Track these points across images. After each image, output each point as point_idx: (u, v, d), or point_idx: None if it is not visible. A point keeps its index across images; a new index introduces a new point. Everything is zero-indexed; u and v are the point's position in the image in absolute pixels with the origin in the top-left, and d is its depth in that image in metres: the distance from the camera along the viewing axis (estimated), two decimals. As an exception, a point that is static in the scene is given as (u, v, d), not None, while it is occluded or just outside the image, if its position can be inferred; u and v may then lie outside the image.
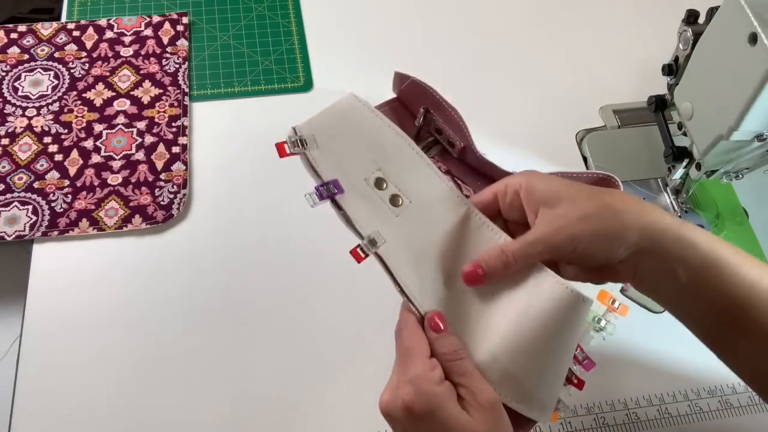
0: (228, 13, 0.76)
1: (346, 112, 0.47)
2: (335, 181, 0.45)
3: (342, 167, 0.46)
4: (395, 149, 0.47)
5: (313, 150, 0.45)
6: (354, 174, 0.46)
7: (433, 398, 0.38)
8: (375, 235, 0.43)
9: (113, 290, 0.58)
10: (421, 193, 0.46)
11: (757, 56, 0.46)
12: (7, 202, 0.61)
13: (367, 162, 0.46)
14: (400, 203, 0.46)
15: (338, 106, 0.48)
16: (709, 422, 0.55)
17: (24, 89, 0.68)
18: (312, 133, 0.46)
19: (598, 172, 0.56)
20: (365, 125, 0.47)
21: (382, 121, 0.47)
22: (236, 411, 0.53)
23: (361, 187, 0.46)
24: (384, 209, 0.45)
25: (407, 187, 0.46)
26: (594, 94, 0.73)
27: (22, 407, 0.52)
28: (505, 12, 0.80)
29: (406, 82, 0.62)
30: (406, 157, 0.47)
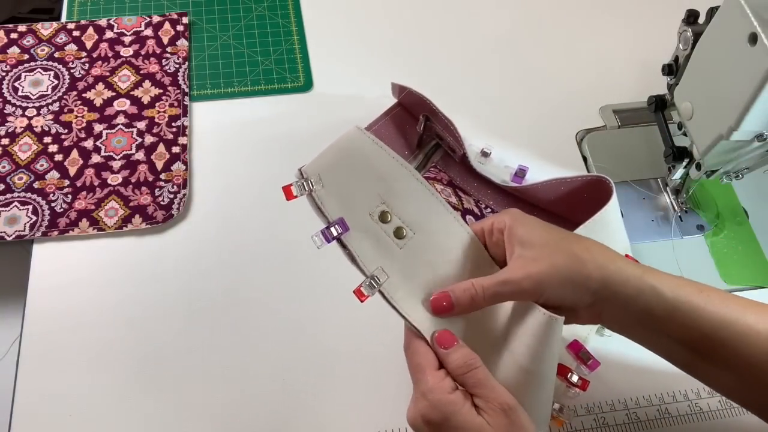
0: (228, 13, 0.76)
1: (351, 146, 0.48)
2: (340, 221, 0.46)
3: (347, 204, 0.47)
4: (399, 181, 0.48)
5: (319, 190, 0.47)
6: (359, 209, 0.47)
7: (445, 406, 0.40)
8: (377, 273, 0.45)
9: (113, 290, 0.58)
10: (425, 223, 0.47)
11: (757, 56, 0.46)
12: (7, 202, 0.61)
13: (371, 196, 0.47)
14: (404, 235, 0.47)
15: (343, 141, 0.48)
16: (709, 422, 0.55)
17: (24, 89, 0.68)
18: (318, 172, 0.47)
19: (591, 174, 0.56)
20: (369, 158, 0.48)
21: (386, 153, 0.48)
22: (236, 411, 0.53)
23: (365, 222, 0.47)
24: (388, 242, 0.46)
25: (411, 219, 0.47)
26: (594, 94, 0.73)
27: (22, 407, 0.52)
28: (505, 12, 0.80)
29: (404, 92, 0.63)
30: (410, 188, 0.48)
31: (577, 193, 0.59)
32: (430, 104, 0.60)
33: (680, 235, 0.64)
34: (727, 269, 0.62)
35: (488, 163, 0.65)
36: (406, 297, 0.45)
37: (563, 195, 0.60)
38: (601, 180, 0.55)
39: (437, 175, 0.63)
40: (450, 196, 0.59)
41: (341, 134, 0.48)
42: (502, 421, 0.40)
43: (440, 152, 0.65)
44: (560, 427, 0.52)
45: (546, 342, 0.42)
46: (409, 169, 0.48)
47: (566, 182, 0.58)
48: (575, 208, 0.59)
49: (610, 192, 0.54)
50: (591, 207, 0.54)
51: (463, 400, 0.40)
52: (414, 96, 0.61)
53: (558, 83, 0.74)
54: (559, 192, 0.59)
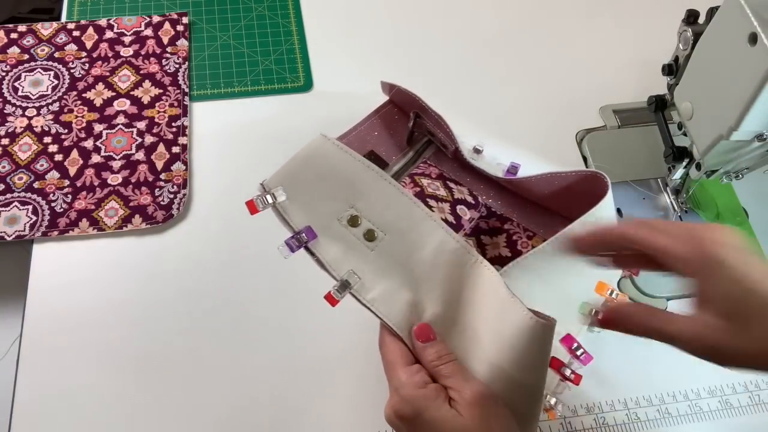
0: (228, 13, 0.76)
1: (315, 153, 0.49)
2: (307, 229, 0.47)
3: (314, 212, 0.48)
4: (367, 184, 0.48)
5: (282, 201, 0.47)
6: (326, 216, 0.48)
7: (417, 401, 0.39)
8: (348, 276, 0.46)
9: (113, 290, 0.58)
10: (396, 223, 0.47)
11: (757, 56, 0.46)
12: (7, 202, 0.61)
13: (339, 201, 0.48)
14: (376, 237, 0.47)
15: (306, 150, 0.49)
16: (709, 422, 0.55)
17: (24, 89, 0.68)
18: (280, 184, 0.48)
19: (586, 170, 0.56)
20: (335, 164, 0.48)
21: (351, 157, 0.48)
22: (236, 410, 0.53)
23: (334, 228, 0.48)
24: (359, 246, 0.47)
25: (382, 221, 0.47)
26: (594, 94, 0.73)
27: (22, 407, 0.52)
28: (505, 12, 0.80)
29: (393, 90, 0.63)
30: (379, 190, 0.48)
31: (572, 188, 0.59)
32: (419, 101, 0.60)
33: (680, 235, 0.64)
34: (727, 269, 0.62)
35: (480, 160, 0.64)
36: (380, 297, 0.45)
37: (558, 190, 0.59)
38: (596, 176, 0.55)
39: (425, 170, 0.62)
40: (438, 189, 0.59)
41: (306, 144, 0.49)
42: (476, 412, 0.39)
43: (432, 148, 0.65)
44: (553, 420, 0.52)
45: (533, 349, 0.42)
46: (376, 171, 0.48)
47: (561, 176, 0.58)
48: (569, 203, 0.58)
49: (606, 187, 0.54)
50: (585, 202, 0.53)
51: (436, 394, 0.40)
52: (403, 94, 0.61)
53: (558, 83, 0.74)
54: (554, 186, 0.59)
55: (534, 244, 0.59)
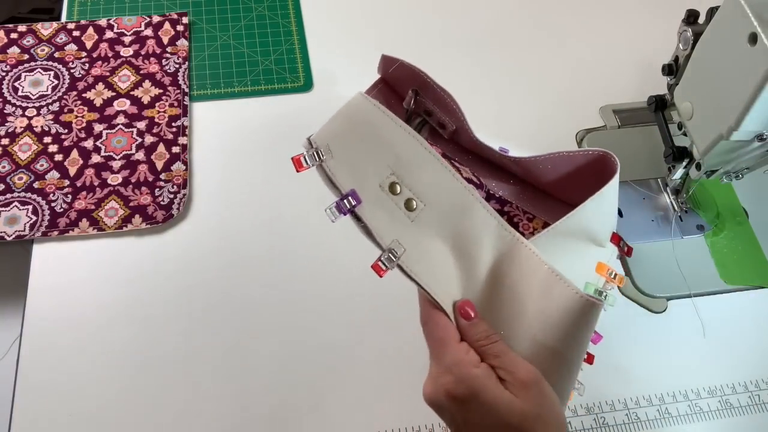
0: (228, 13, 0.76)
1: (357, 114, 0.46)
2: (352, 192, 0.44)
3: (357, 174, 0.45)
4: (407, 150, 0.46)
5: (329, 161, 0.45)
6: (369, 181, 0.45)
7: (473, 381, 0.37)
8: (394, 245, 0.43)
9: (113, 290, 0.58)
10: (434, 194, 0.45)
11: (757, 56, 0.46)
12: (7, 202, 0.61)
13: (381, 166, 0.45)
14: (415, 207, 0.45)
15: (349, 109, 0.46)
16: (709, 422, 0.55)
17: (24, 89, 0.68)
18: (326, 142, 0.45)
19: (595, 149, 0.54)
20: (376, 126, 0.46)
21: (392, 121, 0.46)
22: (236, 410, 0.53)
23: (376, 193, 0.45)
24: (400, 215, 0.44)
25: (420, 190, 0.45)
26: (594, 94, 0.73)
27: (22, 407, 0.52)
28: (505, 12, 0.80)
29: (395, 65, 0.59)
30: (418, 158, 0.46)
31: (578, 173, 0.56)
32: (424, 76, 0.57)
33: (680, 235, 0.64)
34: (727, 269, 0.62)
35: None
36: (424, 270, 0.43)
37: (563, 173, 0.57)
38: (604, 157, 0.52)
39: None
40: None
41: (346, 102, 0.46)
42: (530, 394, 0.38)
43: (426, 129, 0.63)
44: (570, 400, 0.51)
45: (581, 326, 0.41)
46: (417, 138, 0.45)
47: (567, 157, 0.55)
48: (573, 189, 0.56)
49: (615, 168, 0.51)
50: (590, 188, 0.51)
51: (490, 374, 0.38)
52: (403, 71, 0.58)
53: (558, 83, 0.74)
54: (558, 169, 0.57)
55: (535, 227, 0.58)
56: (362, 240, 0.45)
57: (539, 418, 0.37)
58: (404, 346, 0.56)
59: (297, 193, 0.64)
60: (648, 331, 0.59)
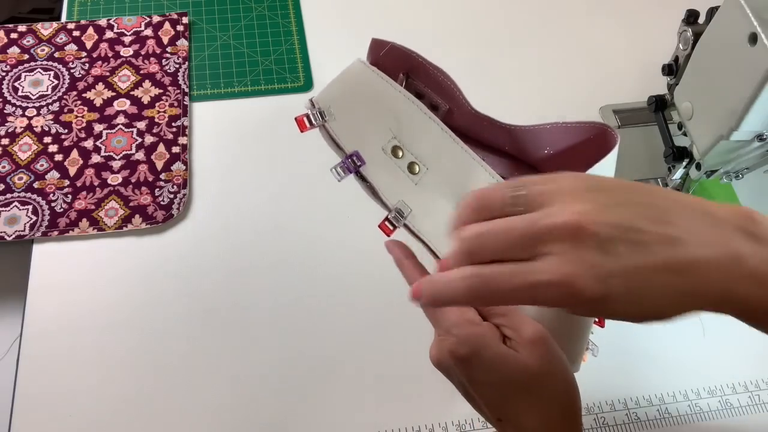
0: (228, 13, 0.76)
1: (358, 79, 0.46)
2: (356, 153, 0.44)
3: (360, 137, 0.45)
4: (407, 115, 0.46)
5: (332, 122, 0.45)
6: (372, 144, 0.45)
7: (474, 339, 0.37)
8: (400, 206, 0.43)
9: (113, 290, 0.58)
10: (437, 158, 0.45)
11: (757, 56, 0.46)
12: (7, 202, 0.61)
13: (382, 130, 0.46)
14: (417, 171, 0.45)
15: (349, 74, 0.47)
16: (709, 422, 0.55)
17: (24, 89, 0.68)
18: (329, 104, 0.45)
19: (594, 121, 0.53)
20: (377, 91, 0.46)
21: (392, 87, 0.46)
22: (236, 410, 0.53)
23: (379, 157, 0.45)
24: (404, 178, 0.45)
25: (422, 153, 0.45)
26: (594, 94, 0.73)
27: (22, 407, 0.52)
28: (505, 13, 0.79)
29: (385, 48, 0.58)
30: (419, 123, 0.46)
31: (576, 149, 0.55)
32: (416, 57, 0.56)
33: (680, 235, 0.64)
34: (727, 269, 0.62)
35: None
36: (431, 230, 0.43)
37: (560, 149, 0.56)
38: (604, 131, 0.51)
39: None
40: None
41: (346, 67, 0.46)
42: (536, 351, 0.37)
43: None
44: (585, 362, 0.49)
45: None
46: (417, 103, 0.46)
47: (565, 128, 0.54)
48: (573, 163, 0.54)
49: (614, 143, 0.50)
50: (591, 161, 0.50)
51: (493, 331, 0.37)
52: (395, 53, 0.57)
53: (558, 83, 0.74)
54: (556, 144, 0.56)
55: None
56: (363, 238, 0.45)
57: (547, 375, 0.37)
58: (405, 346, 0.56)
59: (297, 193, 0.64)
60: (648, 331, 0.59)
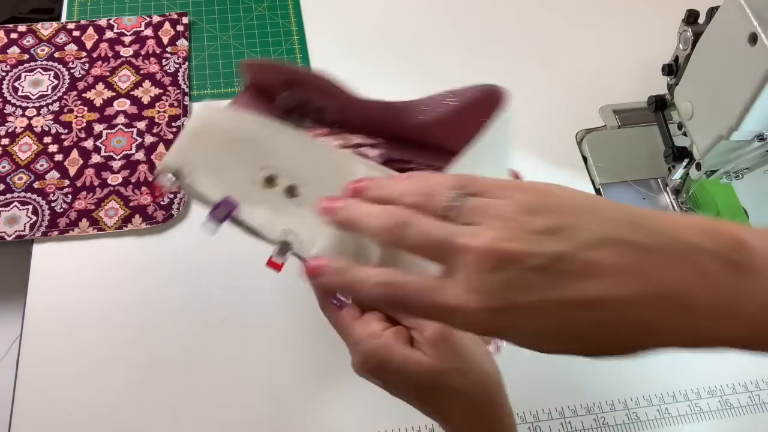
0: (228, 13, 0.76)
1: (206, 123, 0.46)
2: (224, 200, 0.44)
3: (226, 181, 0.44)
4: (272, 139, 0.45)
5: (188, 177, 0.44)
6: (240, 183, 0.45)
7: (377, 353, 0.38)
8: (283, 236, 0.43)
9: (113, 290, 0.58)
10: (313, 172, 0.45)
11: (757, 56, 0.46)
12: (7, 202, 0.61)
13: (248, 165, 0.45)
14: (298, 192, 0.44)
15: (195, 121, 0.46)
16: (709, 422, 0.55)
17: (24, 89, 0.68)
18: (181, 161, 0.44)
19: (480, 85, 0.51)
20: (230, 128, 0.45)
21: (247, 117, 0.45)
22: (236, 411, 0.53)
23: (253, 193, 0.45)
24: (284, 204, 0.44)
25: (299, 174, 0.45)
26: (594, 94, 0.73)
27: (22, 407, 0.52)
28: (504, 12, 0.80)
29: (256, 69, 0.57)
30: (286, 143, 0.45)
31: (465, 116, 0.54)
32: (292, 69, 0.55)
33: (680, 235, 0.64)
34: (727, 269, 0.62)
35: None
36: (324, 251, 0.42)
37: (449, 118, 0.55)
38: (492, 90, 0.50)
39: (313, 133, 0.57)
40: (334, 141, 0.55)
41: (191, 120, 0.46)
42: (439, 350, 0.38)
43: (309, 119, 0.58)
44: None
45: None
46: (277, 125, 0.45)
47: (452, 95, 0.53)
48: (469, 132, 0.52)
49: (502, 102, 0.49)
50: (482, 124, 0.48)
51: (395, 339, 0.38)
52: (270, 68, 0.56)
53: (558, 83, 0.74)
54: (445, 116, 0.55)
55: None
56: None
57: (451, 372, 0.38)
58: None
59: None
60: (648, 331, 0.59)
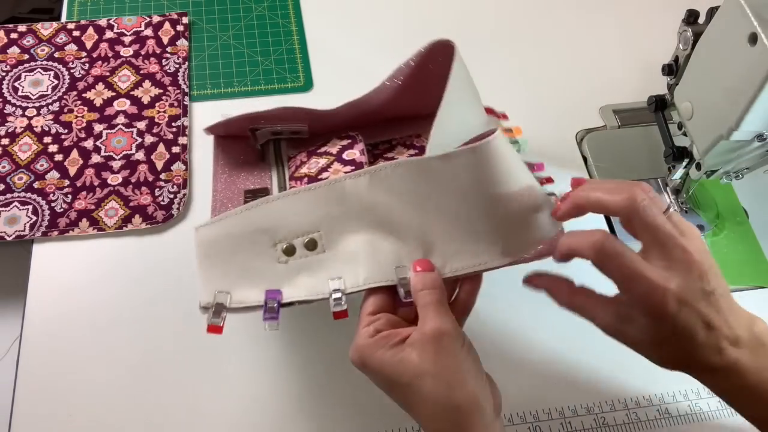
0: (228, 13, 0.76)
1: (207, 245, 0.48)
2: (267, 295, 0.46)
3: (257, 279, 0.47)
4: (265, 217, 0.48)
5: (228, 302, 0.46)
6: (268, 270, 0.47)
7: (361, 350, 0.43)
8: (335, 285, 0.46)
9: (113, 290, 0.58)
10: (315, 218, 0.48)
11: (757, 56, 0.46)
12: (7, 202, 0.61)
13: (263, 251, 0.47)
14: (317, 243, 0.47)
15: (199, 250, 0.48)
16: (709, 422, 0.55)
17: (24, 89, 0.68)
18: (213, 293, 0.47)
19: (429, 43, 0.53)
20: (228, 233, 0.48)
21: (233, 217, 0.48)
22: (237, 411, 0.53)
23: (282, 270, 0.47)
24: (312, 260, 0.47)
25: (307, 228, 0.48)
26: (594, 94, 0.73)
27: (22, 407, 0.52)
28: (505, 12, 0.80)
29: (221, 128, 0.59)
30: (277, 211, 0.48)
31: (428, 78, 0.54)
32: (251, 115, 0.56)
33: (680, 235, 0.64)
34: (727, 269, 0.62)
35: None
36: (368, 273, 0.46)
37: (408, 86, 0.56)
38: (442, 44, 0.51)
39: (296, 162, 0.59)
40: (318, 161, 0.56)
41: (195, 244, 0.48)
42: (426, 349, 0.41)
43: (284, 143, 0.61)
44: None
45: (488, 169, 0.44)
46: (260, 202, 0.48)
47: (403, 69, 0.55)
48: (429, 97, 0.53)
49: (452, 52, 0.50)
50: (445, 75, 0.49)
51: (383, 342, 0.42)
52: (234, 122, 0.57)
53: (558, 83, 0.74)
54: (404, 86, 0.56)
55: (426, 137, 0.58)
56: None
57: (431, 376, 0.40)
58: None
59: (297, 193, 0.64)
60: (648, 331, 0.59)
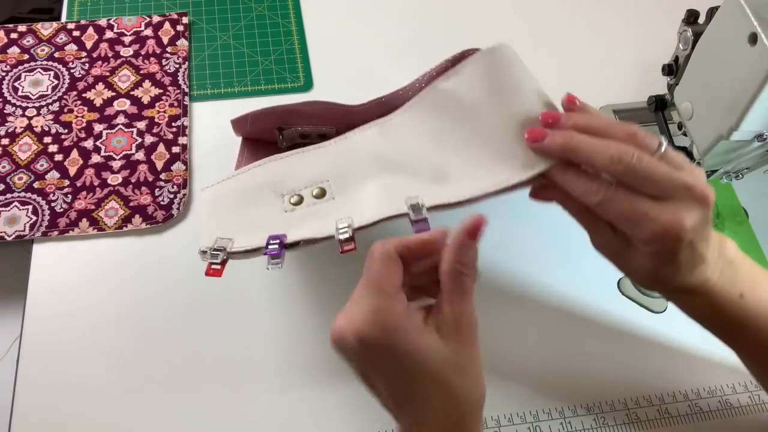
0: (228, 13, 0.76)
1: (214, 201, 0.49)
2: (269, 238, 0.45)
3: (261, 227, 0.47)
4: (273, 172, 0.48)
5: (229, 246, 0.46)
6: (274, 219, 0.47)
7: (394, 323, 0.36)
8: (340, 222, 0.44)
9: (113, 290, 0.58)
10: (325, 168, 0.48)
11: (757, 56, 0.46)
12: (7, 202, 0.61)
13: (271, 202, 0.48)
14: (325, 191, 0.47)
15: (205, 206, 0.49)
16: (709, 422, 0.55)
17: (24, 89, 0.68)
18: (214, 237, 0.47)
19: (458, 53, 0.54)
20: (235, 189, 0.49)
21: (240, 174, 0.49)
22: (237, 411, 0.53)
23: (291, 217, 0.47)
24: (323, 207, 0.47)
25: (315, 179, 0.48)
26: (594, 94, 0.73)
27: (22, 407, 0.52)
28: (504, 13, 0.80)
29: (249, 122, 0.58)
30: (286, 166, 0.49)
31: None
32: (279, 109, 0.55)
33: (680, 235, 0.64)
34: (727, 269, 0.62)
35: None
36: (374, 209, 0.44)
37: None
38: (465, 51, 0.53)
39: None
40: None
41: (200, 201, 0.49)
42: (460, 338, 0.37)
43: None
44: None
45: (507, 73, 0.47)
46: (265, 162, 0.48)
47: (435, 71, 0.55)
48: None
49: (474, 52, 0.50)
50: None
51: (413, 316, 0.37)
52: (259, 116, 0.57)
53: (558, 83, 0.74)
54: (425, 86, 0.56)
55: None
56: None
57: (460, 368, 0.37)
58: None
59: (297, 193, 0.64)
60: (648, 331, 0.59)
